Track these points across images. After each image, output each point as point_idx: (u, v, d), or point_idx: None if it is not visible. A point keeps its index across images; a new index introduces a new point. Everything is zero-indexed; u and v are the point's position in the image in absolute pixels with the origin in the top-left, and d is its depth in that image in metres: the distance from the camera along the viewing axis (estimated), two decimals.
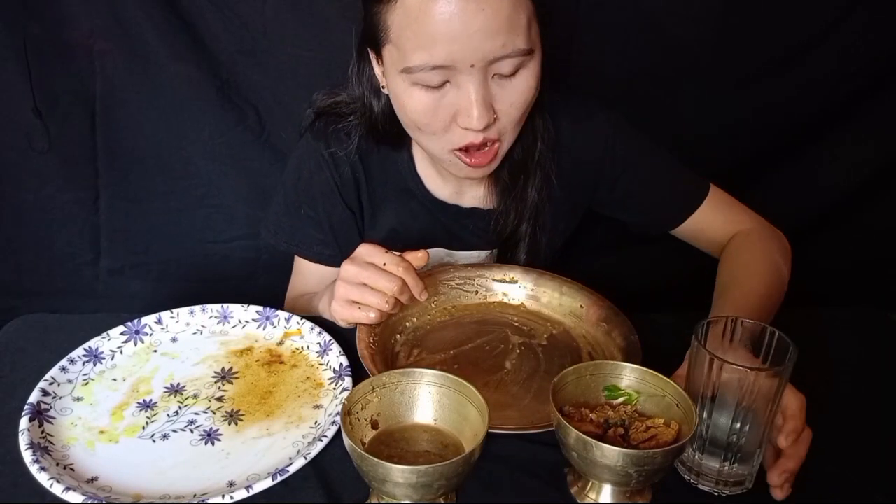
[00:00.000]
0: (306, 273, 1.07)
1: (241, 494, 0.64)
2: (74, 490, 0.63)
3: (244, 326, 0.89)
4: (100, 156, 1.29)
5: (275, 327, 0.89)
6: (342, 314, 0.84)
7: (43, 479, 0.64)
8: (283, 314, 0.89)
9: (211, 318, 0.89)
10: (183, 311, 0.89)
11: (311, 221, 1.02)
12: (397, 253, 0.82)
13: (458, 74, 0.76)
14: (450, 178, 0.99)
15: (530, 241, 1.01)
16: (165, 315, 0.88)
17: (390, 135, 0.94)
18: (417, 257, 0.83)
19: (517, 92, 0.80)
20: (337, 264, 0.94)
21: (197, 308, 0.89)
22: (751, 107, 1.34)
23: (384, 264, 0.80)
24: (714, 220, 1.02)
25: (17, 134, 1.24)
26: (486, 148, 0.84)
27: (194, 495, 0.65)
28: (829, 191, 1.45)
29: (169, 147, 1.30)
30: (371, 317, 0.82)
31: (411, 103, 0.81)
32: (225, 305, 0.90)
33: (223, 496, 0.63)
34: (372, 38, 0.82)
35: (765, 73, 1.32)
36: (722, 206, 1.02)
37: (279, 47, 1.24)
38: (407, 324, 0.92)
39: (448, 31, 0.72)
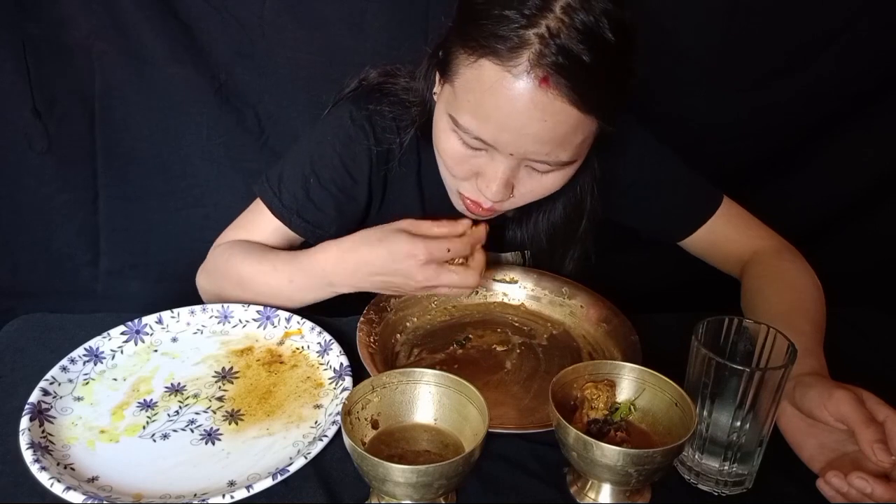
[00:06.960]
0: (261, 229, 0.98)
1: (242, 494, 0.64)
2: (75, 489, 0.63)
3: (244, 326, 0.89)
4: (98, 156, 1.29)
5: (275, 327, 0.89)
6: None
7: (43, 478, 0.64)
8: (283, 314, 0.89)
9: (211, 317, 0.89)
10: (183, 311, 0.89)
11: (317, 193, 0.95)
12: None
13: (495, 152, 0.77)
14: None
15: (575, 267, 1.02)
16: (166, 315, 0.88)
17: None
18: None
19: (541, 185, 0.82)
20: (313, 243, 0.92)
21: (197, 308, 0.89)
22: (756, 111, 1.34)
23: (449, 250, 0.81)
24: (728, 233, 0.99)
25: (16, 134, 1.23)
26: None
27: (195, 495, 0.65)
28: (834, 194, 1.45)
29: (167, 148, 1.30)
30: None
31: (445, 144, 0.81)
32: (225, 305, 0.90)
33: (223, 496, 0.63)
34: (443, 64, 0.81)
35: (771, 77, 1.32)
36: (736, 220, 1.00)
37: (277, 49, 1.24)
38: (407, 323, 0.92)
39: (505, 120, 0.73)
